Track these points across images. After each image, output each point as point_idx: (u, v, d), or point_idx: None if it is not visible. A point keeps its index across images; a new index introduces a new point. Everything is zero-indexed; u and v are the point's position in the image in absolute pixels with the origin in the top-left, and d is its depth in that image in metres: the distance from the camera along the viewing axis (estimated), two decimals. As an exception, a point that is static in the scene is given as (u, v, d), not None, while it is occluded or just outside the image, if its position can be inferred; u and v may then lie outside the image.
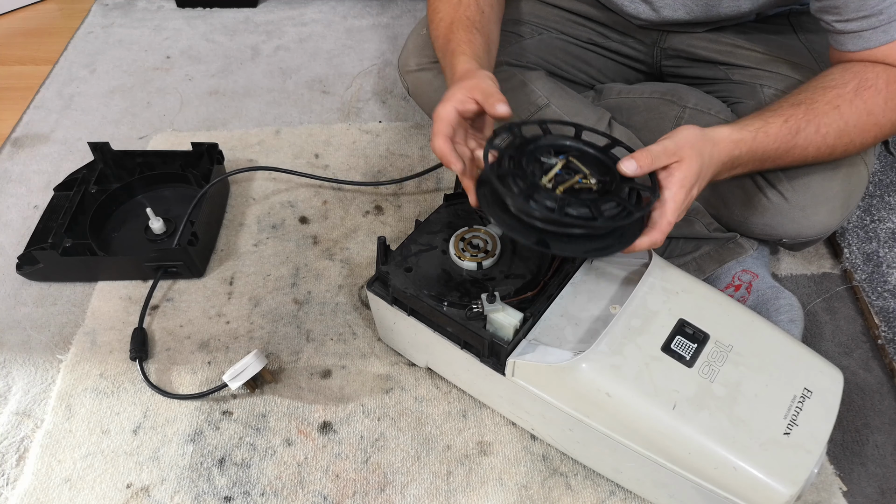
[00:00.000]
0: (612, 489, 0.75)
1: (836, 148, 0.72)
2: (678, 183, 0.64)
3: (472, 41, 0.78)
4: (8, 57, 1.41)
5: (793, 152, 0.71)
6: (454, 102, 0.68)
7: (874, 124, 0.71)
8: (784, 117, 0.70)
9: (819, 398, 0.65)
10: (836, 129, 0.70)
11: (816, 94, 0.71)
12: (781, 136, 0.69)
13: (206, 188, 0.94)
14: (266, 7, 1.55)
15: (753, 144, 0.69)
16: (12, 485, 0.76)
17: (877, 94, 0.70)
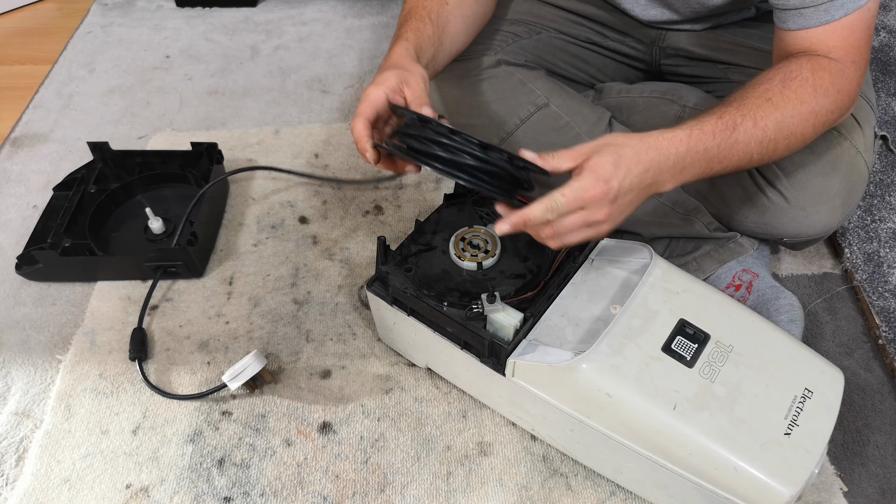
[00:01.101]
0: (612, 489, 0.75)
1: (779, 142, 0.70)
2: (588, 169, 0.62)
3: (419, 30, 0.78)
4: (7, 57, 1.41)
5: (736, 148, 0.69)
6: (386, 88, 0.68)
7: (810, 112, 0.70)
8: (717, 114, 0.69)
9: (820, 398, 0.65)
10: (773, 121, 0.69)
11: (746, 91, 0.71)
12: (719, 131, 0.68)
13: (205, 188, 0.94)
14: (265, 6, 1.54)
15: (690, 142, 0.67)
16: (12, 485, 0.76)
17: (804, 83, 0.69)
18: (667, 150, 0.66)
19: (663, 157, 0.65)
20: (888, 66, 1.25)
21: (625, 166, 0.63)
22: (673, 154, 0.66)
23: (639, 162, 0.64)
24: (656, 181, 0.66)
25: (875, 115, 0.87)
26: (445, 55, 0.84)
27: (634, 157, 0.64)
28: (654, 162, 0.65)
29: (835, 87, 0.70)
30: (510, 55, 0.96)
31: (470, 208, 0.81)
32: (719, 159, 0.68)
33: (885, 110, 1.15)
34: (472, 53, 0.95)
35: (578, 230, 0.65)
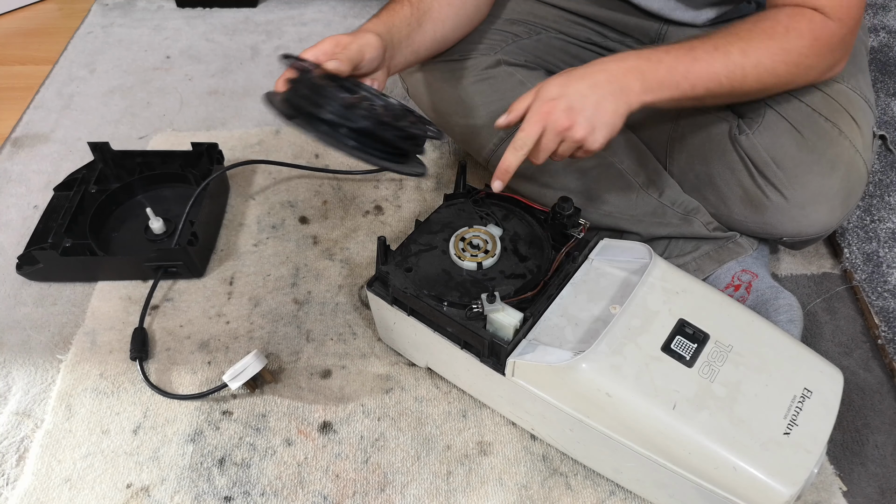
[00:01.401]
0: (612, 489, 0.75)
1: (747, 69, 0.72)
2: (537, 97, 0.70)
3: (395, 10, 0.82)
4: (8, 57, 1.41)
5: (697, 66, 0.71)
6: (319, 51, 0.72)
7: (779, 48, 0.72)
8: (678, 42, 0.74)
9: (819, 398, 0.65)
10: (738, 49, 0.72)
11: (715, 30, 0.74)
12: (674, 49, 0.72)
13: (203, 184, 0.94)
14: (266, 7, 1.55)
15: (641, 56, 0.71)
16: (12, 485, 0.76)
17: (776, 24, 0.73)
18: (617, 62, 0.71)
19: (614, 65, 0.71)
20: (887, 66, 1.25)
21: (572, 80, 0.70)
22: (623, 65, 0.71)
23: (585, 74, 0.71)
24: (619, 85, 0.70)
25: (874, 115, 0.87)
26: (427, 38, 0.85)
27: (581, 71, 0.71)
28: (603, 70, 0.71)
29: (812, 33, 0.72)
30: (510, 55, 0.96)
31: (470, 208, 0.81)
32: (683, 74, 0.71)
33: (884, 110, 1.15)
34: (472, 53, 0.95)
35: (559, 147, 0.70)
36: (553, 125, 0.69)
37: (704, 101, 0.74)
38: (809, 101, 0.83)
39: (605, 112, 0.69)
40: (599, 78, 0.70)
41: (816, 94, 0.83)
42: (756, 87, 0.74)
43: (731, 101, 0.76)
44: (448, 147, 1.16)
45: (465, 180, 0.84)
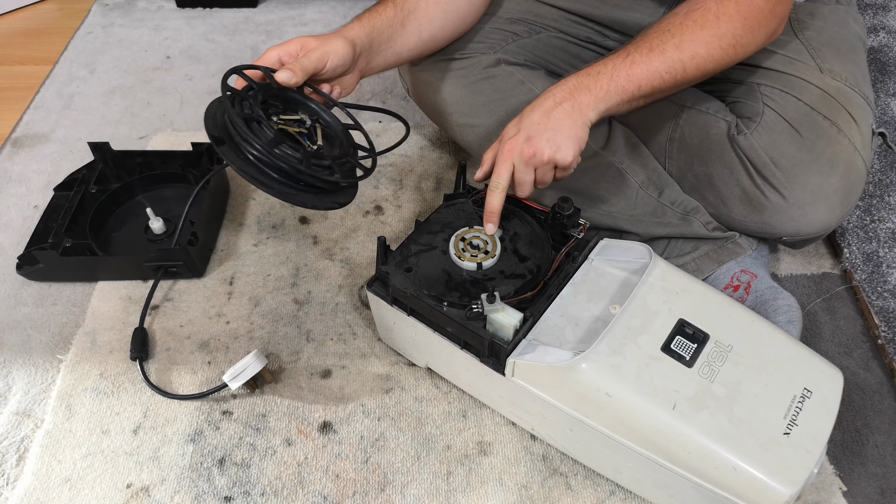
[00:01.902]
0: (612, 489, 0.75)
1: (685, 62, 0.75)
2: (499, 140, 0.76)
3: (378, 11, 0.83)
4: (8, 57, 1.41)
5: (637, 69, 0.74)
6: (282, 51, 0.75)
7: (712, 35, 0.75)
8: (613, 52, 0.79)
9: (819, 398, 0.65)
10: (672, 45, 0.75)
11: (648, 29, 0.78)
12: (610, 60, 0.76)
13: (202, 182, 0.94)
14: (266, 7, 1.55)
15: (580, 74, 0.75)
16: (12, 485, 0.76)
17: (706, 12, 0.75)
18: (560, 86, 0.75)
19: (558, 89, 0.75)
20: (887, 66, 1.25)
21: (524, 115, 0.75)
22: (567, 86, 0.75)
23: (535, 105, 0.75)
24: (569, 104, 0.73)
25: (873, 114, 0.87)
26: (412, 39, 0.86)
27: (531, 105, 0.75)
28: (550, 96, 0.75)
29: (740, 13, 0.75)
30: (510, 54, 0.96)
31: (470, 208, 0.81)
32: (625, 79, 0.74)
33: (884, 110, 1.15)
34: (472, 52, 0.95)
35: (534, 174, 0.74)
36: (519, 158, 0.73)
37: (655, 96, 0.78)
38: (808, 99, 0.83)
39: (563, 128, 0.73)
40: (548, 104, 0.74)
41: (815, 92, 0.83)
42: (699, 74, 0.77)
43: (682, 88, 0.80)
44: (448, 147, 1.16)
45: (465, 180, 0.84)
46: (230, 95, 0.69)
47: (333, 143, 0.76)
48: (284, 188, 0.69)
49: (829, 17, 0.92)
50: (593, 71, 0.75)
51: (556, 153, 0.72)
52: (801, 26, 0.90)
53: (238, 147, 0.68)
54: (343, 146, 0.75)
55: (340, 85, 0.80)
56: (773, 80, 0.87)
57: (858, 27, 0.95)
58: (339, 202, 0.74)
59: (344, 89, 0.81)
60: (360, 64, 0.81)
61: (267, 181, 0.68)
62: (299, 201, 0.70)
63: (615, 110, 0.76)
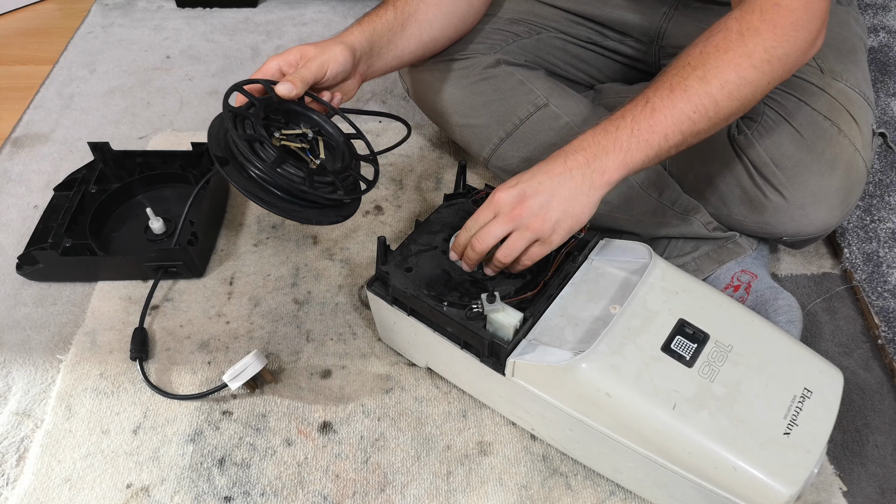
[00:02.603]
0: (612, 489, 0.75)
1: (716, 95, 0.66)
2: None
3: (378, 15, 0.82)
4: (8, 57, 1.41)
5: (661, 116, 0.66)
6: (282, 60, 0.74)
7: (741, 55, 0.66)
8: (631, 100, 0.69)
9: (819, 398, 0.65)
10: (696, 79, 0.66)
11: (667, 67, 0.69)
12: (629, 109, 0.67)
13: (201, 182, 0.94)
14: (266, 7, 1.55)
15: (596, 131, 0.67)
16: (12, 485, 0.76)
17: (728, 32, 0.67)
18: (575, 149, 0.67)
19: (571, 151, 0.67)
20: (887, 66, 1.25)
21: (528, 172, 0.67)
22: (581, 149, 0.66)
23: (541, 164, 0.67)
24: (579, 171, 0.66)
25: (873, 114, 0.87)
26: (412, 42, 0.86)
27: (537, 165, 0.68)
28: (559, 156, 0.67)
29: (767, 23, 0.66)
30: (510, 55, 0.96)
31: (470, 208, 0.81)
32: (649, 129, 0.65)
33: (884, 110, 1.15)
34: (472, 53, 0.95)
35: (508, 238, 0.67)
36: (504, 213, 0.66)
37: (688, 143, 0.68)
38: (809, 100, 0.83)
39: (564, 201, 0.65)
40: (557, 167, 0.66)
41: (816, 92, 0.83)
42: (737, 105, 0.67)
43: (723, 126, 0.70)
44: (448, 147, 1.16)
45: (465, 180, 0.84)
46: (231, 115, 0.69)
47: (335, 155, 0.76)
48: (289, 206, 0.70)
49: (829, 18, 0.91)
50: (611, 128, 0.66)
51: (544, 227, 0.66)
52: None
53: (242, 167, 0.69)
54: (345, 158, 0.75)
55: (341, 90, 0.80)
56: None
57: (859, 27, 0.95)
58: (343, 215, 0.74)
59: (345, 95, 0.81)
60: (360, 68, 0.81)
61: (272, 200, 0.69)
62: (304, 218, 0.71)
63: (641, 167, 0.67)
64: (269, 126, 0.72)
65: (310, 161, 0.73)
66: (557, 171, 0.66)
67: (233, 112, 0.69)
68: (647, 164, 0.67)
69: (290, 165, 0.69)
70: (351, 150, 0.77)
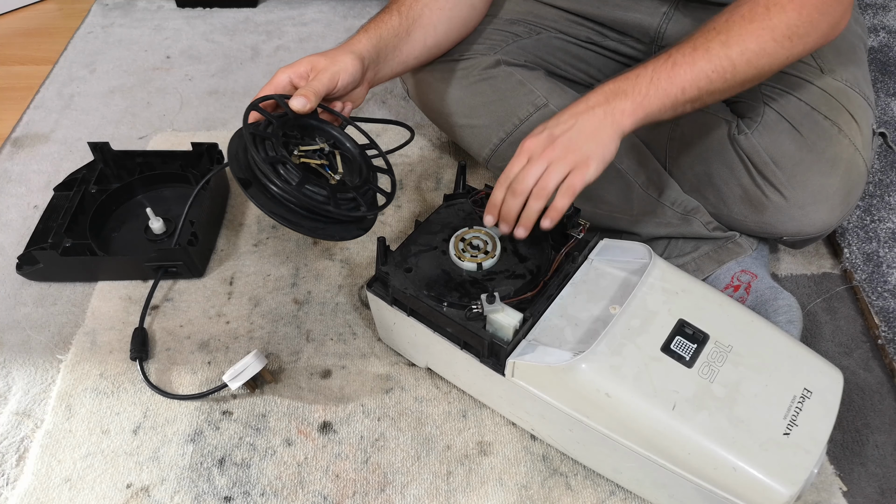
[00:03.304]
0: (612, 489, 0.75)
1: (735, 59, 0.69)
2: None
3: (383, 21, 0.82)
4: (8, 57, 1.41)
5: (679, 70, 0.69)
6: (292, 72, 0.75)
7: (763, 28, 0.69)
8: (665, 55, 0.72)
9: (819, 398, 0.65)
10: (718, 42, 0.69)
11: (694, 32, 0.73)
12: (651, 63, 0.71)
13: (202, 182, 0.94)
14: (266, 7, 1.55)
15: (618, 78, 0.71)
16: (12, 485, 0.76)
17: (755, 5, 0.70)
18: (595, 91, 0.71)
19: (592, 94, 0.71)
20: (887, 66, 1.25)
21: (552, 118, 0.71)
22: (600, 91, 0.70)
23: (565, 108, 0.71)
24: (601, 108, 0.69)
25: (873, 114, 0.87)
26: (417, 46, 0.86)
27: (563, 110, 0.72)
28: (581, 100, 0.71)
29: (794, 3, 0.69)
30: (510, 55, 0.96)
31: (470, 208, 0.81)
32: (667, 81, 0.69)
33: (884, 110, 1.15)
34: (471, 53, 0.95)
35: (544, 174, 0.69)
36: (539, 157, 0.69)
37: (703, 100, 0.72)
38: (809, 99, 0.83)
39: (590, 134, 0.68)
40: (580, 108, 0.70)
41: (816, 92, 0.83)
42: (753, 72, 0.71)
43: (737, 92, 0.73)
44: (448, 147, 1.16)
45: (465, 180, 0.84)
46: (251, 136, 0.68)
47: (352, 168, 0.76)
48: (313, 224, 0.70)
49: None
50: (632, 75, 0.70)
51: (578, 157, 0.68)
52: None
53: (266, 189, 0.69)
54: (363, 172, 0.75)
55: (350, 98, 0.80)
56: (774, 80, 0.86)
57: (859, 27, 0.95)
58: (364, 228, 0.75)
59: (354, 102, 0.81)
60: (368, 76, 0.81)
61: (296, 220, 0.69)
62: (328, 235, 0.71)
63: (657, 117, 0.70)
64: (287, 143, 0.72)
65: (329, 177, 0.72)
66: (580, 110, 0.70)
67: (252, 133, 0.69)
68: (662, 114, 0.71)
69: (314, 185, 0.69)
70: (367, 162, 0.77)
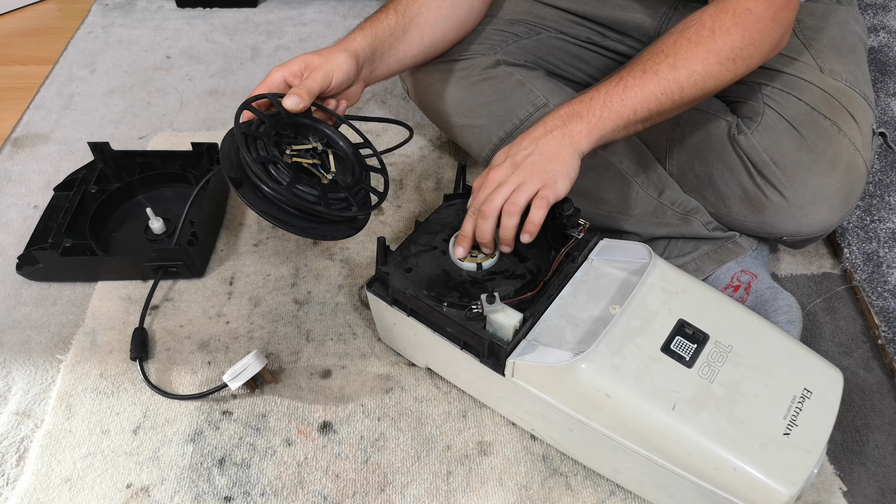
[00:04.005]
0: (612, 489, 0.75)
1: (682, 82, 0.72)
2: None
3: (379, 20, 0.83)
4: (8, 57, 1.41)
5: (630, 93, 0.72)
6: (286, 71, 0.75)
7: (709, 52, 0.72)
8: (606, 78, 0.75)
9: (819, 398, 0.65)
10: (666, 66, 0.72)
11: (642, 52, 0.76)
12: (603, 86, 0.73)
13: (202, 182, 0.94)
14: (266, 7, 1.55)
15: (572, 102, 0.73)
16: (12, 485, 0.76)
17: (701, 28, 0.73)
18: (551, 116, 0.73)
19: (548, 118, 0.73)
20: (887, 66, 1.25)
21: (512, 143, 0.74)
22: (558, 116, 0.73)
23: (524, 134, 0.73)
24: (560, 132, 0.71)
25: (873, 114, 0.87)
26: (414, 45, 0.86)
27: (522, 135, 0.74)
28: (539, 124, 0.73)
29: (738, 26, 0.72)
30: (510, 55, 0.96)
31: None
32: (619, 103, 0.72)
33: (884, 110, 1.15)
34: (471, 53, 0.95)
35: (511, 196, 0.70)
36: (504, 182, 0.70)
37: (654, 120, 0.75)
38: (809, 99, 0.83)
39: (551, 157, 0.70)
40: (538, 132, 0.72)
41: (816, 92, 0.83)
42: (700, 93, 0.74)
43: (683, 110, 0.77)
44: (448, 147, 1.16)
45: (465, 180, 0.84)
46: (243, 136, 0.68)
47: (345, 166, 0.76)
48: (304, 224, 0.70)
49: (829, 17, 0.92)
50: (585, 98, 0.73)
51: (545, 176, 0.69)
52: (802, 26, 0.90)
53: (257, 188, 0.69)
54: (355, 171, 0.75)
55: (346, 97, 0.80)
56: (774, 80, 0.87)
57: (859, 27, 0.95)
58: (356, 228, 0.75)
59: (349, 100, 0.81)
60: (363, 74, 0.81)
61: (287, 220, 0.70)
62: (319, 235, 0.72)
63: (611, 137, 0.73)
64: (279, 142, 0.72)
65: (321, 176, 0.72)
66: (538, 135, 0.72)
67: (244, 133, 0.69)
68: (616, 134, 0.74)
69: (305, 184, 0.69)
70: (360, 161, 0.77)
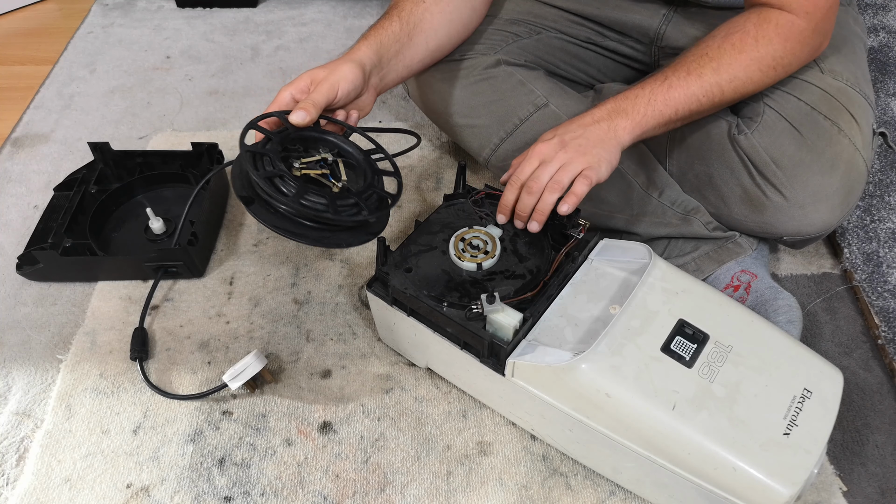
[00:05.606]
0: (612, 489, 0.75)
1: (723, 86, 0.76)
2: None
3: (384, 27, 0.83)
4: (8, 57, 1.41)
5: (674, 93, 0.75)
6: (294, 88, 0.76)
7: (751, 59, 0.76)
8: (651, 75, 0.79)
9: (819, 398, 0.65)
10: (710, 70, 0.76)
11: (686, 52, 0.79)
12: (649, 83, 0.76)
13: (202, 182, 0.94)
14: (266, 7, 1.55)
15: (618, 98, 0.76)
16: (12, 485, 0.76)
17: (745, 35, 0.76)
18: (598, 107, 0.77)
19: (595, 110, 0.76)
20: (887, 66, 1.25)
21: (560, 126, 0.77)
22: (603, 108, 0.76)
23: (572, 119, 0.77)
24: (605, 123, 0.75)
25: (874, 113, 0.87)
26: (420, 51, 0.86)
27: (567, 121, 0.77)
28: (586, 114, 0.76)
29: (780, 36, 0.76)
30: (510, 55, 0.96)
31: (469, 208, 0.81)
32: (663, 102, 0.75)
33: (884, 111, 1.15)
34: (472, 53, 0.95)
35: (556, 174, 0.72)
36: (550, 160, 0.73)
37: (692, 118, 0.79)
38: (809, 99, 0.83)
39: (598, 144, 0.73)
40: (586, 120, 0.76)
41: (816, 92, 0.83)
42: (737, 96, 0.78)
43: (720, 109, 0.81)
44: (448, 147, 1.16)
45: (465, 180, 0.84)
46: (250, 155, 0.68)
47: (358, 173, 0.76)
48: (319, 234, 0.70)
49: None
50: (631, 95, 0.76)
51: (590, 159, 0.72)
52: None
53: (267, 204, 0.69)
54: (367, 176, 0.75)
55: (356, 107, 0.80)
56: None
57: (858, 27, 0.95)
58: (373, 232, 0.74)
59: (361, 110, 0.81)
60: (372, 82, 0.81)
61: (301, 231, 0.69)
62: (335, 243, 0.71)
63: (651, 133, 0.77)
64: (289, 157, 0.72)
65: (332, 185, 0.72)
66: (586, 122, 0.75)
67: (251, 152, 0.69)
68: (657, 131, 0.77)
69: (314, 194, 0.68)
70: (372, 166, 0.76)
